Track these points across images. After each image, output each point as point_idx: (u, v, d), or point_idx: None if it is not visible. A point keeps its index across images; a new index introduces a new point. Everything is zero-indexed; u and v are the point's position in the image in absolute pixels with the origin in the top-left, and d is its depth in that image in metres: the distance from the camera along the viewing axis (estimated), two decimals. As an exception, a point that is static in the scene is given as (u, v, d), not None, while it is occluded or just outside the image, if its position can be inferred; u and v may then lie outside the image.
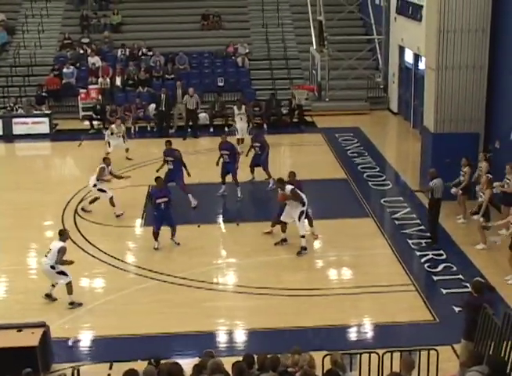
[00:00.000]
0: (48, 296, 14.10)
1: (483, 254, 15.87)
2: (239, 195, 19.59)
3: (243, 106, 24.25)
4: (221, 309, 13.94)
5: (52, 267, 13.92)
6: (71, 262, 14.02)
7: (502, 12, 18.15)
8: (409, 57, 27.23)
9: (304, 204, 16.14)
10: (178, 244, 16.63)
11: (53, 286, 14.14)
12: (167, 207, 16.52)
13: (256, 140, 20.30)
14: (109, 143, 22.92)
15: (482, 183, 16.32)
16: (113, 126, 23.16)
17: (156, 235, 16.49)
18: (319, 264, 15.89)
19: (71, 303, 13.94)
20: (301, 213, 16.15)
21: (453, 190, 17.24)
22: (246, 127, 23.92)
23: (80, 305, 13.95)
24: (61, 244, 14.03)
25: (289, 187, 16.11)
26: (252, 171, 20.41)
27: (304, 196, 16.18)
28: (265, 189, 19.92)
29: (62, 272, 13.95)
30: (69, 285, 13.95)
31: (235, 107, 24.44)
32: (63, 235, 14.30)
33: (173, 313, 13.61)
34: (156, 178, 16.90)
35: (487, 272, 14.79)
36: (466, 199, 17.56)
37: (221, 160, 19.58)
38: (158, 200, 16.41)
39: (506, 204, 16.35)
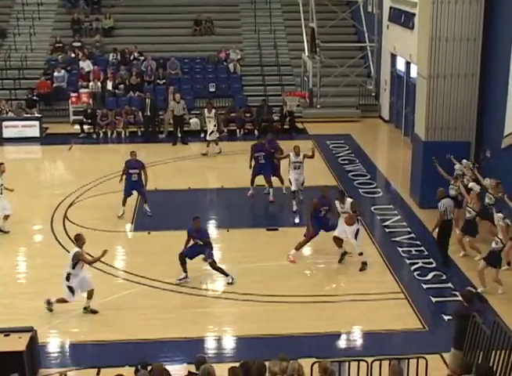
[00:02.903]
0: (86, 309, 13.87)
1: (472, 263, 15.87)
2: (271, 198, 19.79)
3: (213, 110, 24.42)
4: (209, 315, 13.91)
5: (67, 278, 13.67)
6: (102, 255, 13.80)
7: (494, 21, 18.23)
8: (400, 65, 27.33)
9: (359, 221, 15.97)
10: (150, 215, 18.24)
11: (88, 299, 13.91)
12: (139, 178, 18.31)
13: (270, 147, 20.08)
14: None
15: (470, 198, 16.10)
16: None
17: (124, 201, 18.29)
18: (308, 271, 15.87)
19: (85, 308, 13.85)
20: (357, 231, 15.76)
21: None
22: (214, 130, 24.04)
23: (94, 312, 13.81)
24: (75, 249, 13.82)
25: (349, 200, 15.79)
26: (252, 183, 20.14)
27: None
28: (258, 195, 19.93)
29: (70, 288, 13.67)
30: (90, 292, 13.84)
31: (205, 110, 24.70)
32: (78, 240, 13.94)
33: (161, 319, 13.57)
34: (131, 152, 18.65)
35: (478, 281, 14.77)
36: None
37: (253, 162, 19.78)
38: (130, 171, 18.24)
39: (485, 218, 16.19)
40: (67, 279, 13.68)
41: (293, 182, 19.03)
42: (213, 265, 15.00)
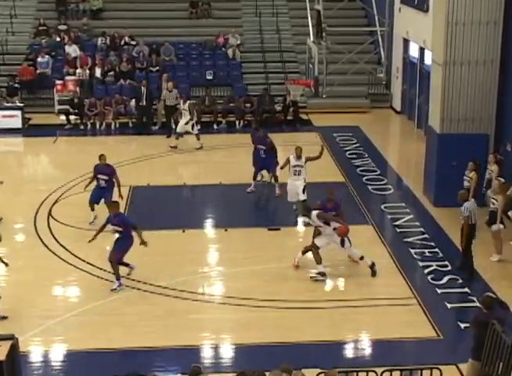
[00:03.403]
0: None
1: (493, 265, 15.88)
2: (277, 192, 19.83)
3: (188, 102, 24.31)
4: (206, 322, 13.91)
5: None
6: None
7: (516, 4, 18.22)
8: (414, 51, 27.30)
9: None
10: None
11: None
12: (108, 185, 17.82)
13: (261, 142, 20.08)
14: None
15: (495, 188, 16.26)
16: None
17: (92, 207, 17.92)
18: (312, 274, 15.85)
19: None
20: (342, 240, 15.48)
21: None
22: (187, 123, 24.01)
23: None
24: None
25: (314, 213, 15.40)
26: (255, 177, 20.31)
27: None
28: (259, 192, 19.96)
29: None
30: None
31: (181, 101, 24.58)
32: None
33: (154, 326, 13.58)
34: (100, 156, 18.06)
35: (498, 285, 14.79)
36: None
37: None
38: (99, 176, 17.82)
39: None
40: None
41: (288, 192, 18.51)
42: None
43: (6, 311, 13.92)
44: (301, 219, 17.86)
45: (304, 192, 18.27)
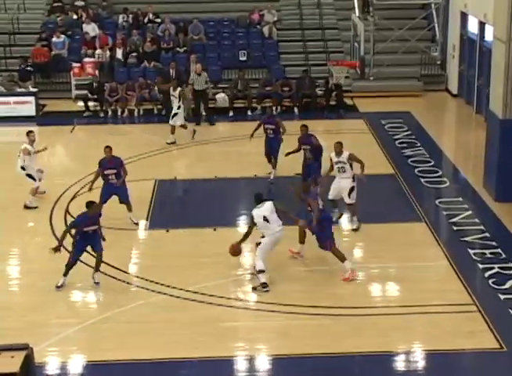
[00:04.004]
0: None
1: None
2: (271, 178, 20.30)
3: (179, 88, 24.17)
4: (240, 331, 13.96)
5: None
6: None
7: None
8: (473, 26, 27.11)
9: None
10: (137, 223, 17.88)
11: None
12: (118, 179, 17.70)
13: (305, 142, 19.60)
14: None
15: None
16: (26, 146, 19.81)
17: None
18: (359, 278, 15.84)
19: None
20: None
21: None
22: (178, 113, 23.93)
23: None
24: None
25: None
26: (270, 160, 20.72)
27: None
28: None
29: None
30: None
31: (171, 87, 24.30)
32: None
33: (183, 335, 13.65)
34: (105, 148, 18.08)
35: None
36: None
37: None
38: (106, 172, 17.74)
39: None
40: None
41: (331, 189, 17.90)
42: None
43: (19, 318, 14.10)
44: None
45: (350, 194, 17.53)
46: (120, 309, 14.45)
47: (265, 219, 15.15)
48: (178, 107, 23.88)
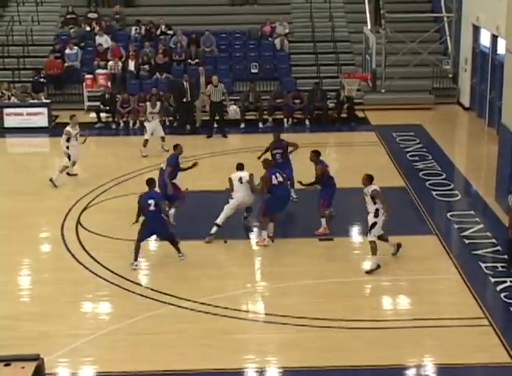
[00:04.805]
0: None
1: None
2: (294, 196, 19.87)
3: (158, 103, 24.21)
4: (250, 343, 13.94)
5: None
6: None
7: None
8: (485, 39, 27.10)
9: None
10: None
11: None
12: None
13: (277, 146, 20.01)
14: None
15: None
16: (68, 128, 22.07)
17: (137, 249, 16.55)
18: (369, 290, 15.83)
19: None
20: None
21: None
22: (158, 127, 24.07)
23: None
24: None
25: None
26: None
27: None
28: (301, 200, 19.96)
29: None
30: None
31: (148, 104, 24.19)
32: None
33: (192, 347, 13.63)
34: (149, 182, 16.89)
35: None
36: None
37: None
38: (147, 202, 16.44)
39: None
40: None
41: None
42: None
43: (30, 328, 14.11)
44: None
45: (371, 230, 16.25)
46: (130, 321, 14.44)
47: (240, 181, 18.00)
48: (160, 121, 24.41)
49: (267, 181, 17.81)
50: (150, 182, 16.73)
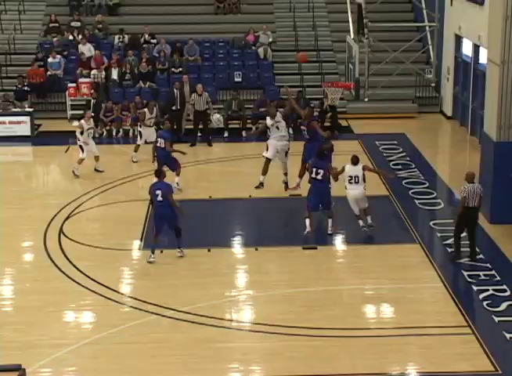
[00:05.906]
0: None
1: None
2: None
3: (155, 109, 24.36)
4: (234, 352, 13.90)
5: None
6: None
7: None
8: (467, 49, 27.20)
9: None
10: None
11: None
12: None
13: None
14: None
15: None
16: (82, 121, 23.02)
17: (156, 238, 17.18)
18: (353, 299, 15.81)
19: None
20: None
21: None
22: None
23: None
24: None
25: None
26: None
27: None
28: (292, 208, 19.98)
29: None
30: None
31: (146, 110, 24.30)
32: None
33: (176, 356, 13.58)
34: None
35: None
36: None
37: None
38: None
39: None
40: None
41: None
42: None
43: (13, 338, 14.03)
44: None
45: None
46: (114, 330, 14.37)
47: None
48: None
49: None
50: (159, 173, 17.39)
